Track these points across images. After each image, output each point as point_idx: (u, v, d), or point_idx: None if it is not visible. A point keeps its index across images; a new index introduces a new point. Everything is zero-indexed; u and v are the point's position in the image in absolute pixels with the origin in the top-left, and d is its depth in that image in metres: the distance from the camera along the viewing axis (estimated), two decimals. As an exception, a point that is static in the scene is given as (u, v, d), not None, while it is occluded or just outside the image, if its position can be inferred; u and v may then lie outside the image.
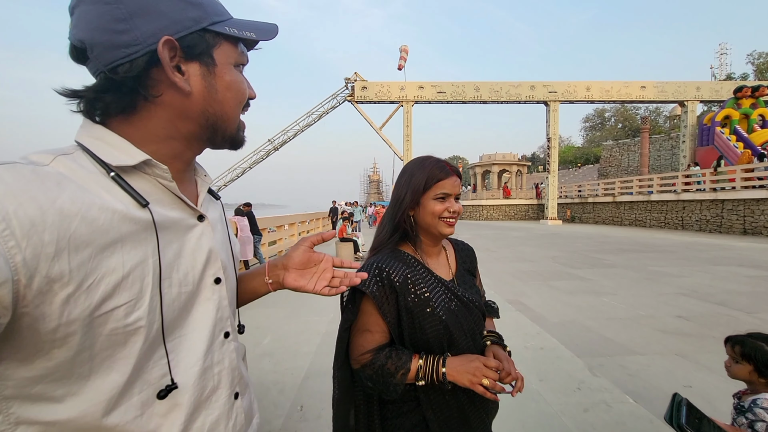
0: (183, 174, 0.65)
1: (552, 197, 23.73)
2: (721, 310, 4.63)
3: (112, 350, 0.50)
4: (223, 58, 0.59)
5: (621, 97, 23.47)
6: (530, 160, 49.23)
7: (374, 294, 0.96)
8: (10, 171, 0.44)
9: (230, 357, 0.67)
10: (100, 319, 0.47)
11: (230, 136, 0.64)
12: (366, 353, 0.97)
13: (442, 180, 1.03)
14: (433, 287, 1.02)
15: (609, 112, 53.18)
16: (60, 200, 0.45)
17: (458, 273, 1.13)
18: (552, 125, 23.18)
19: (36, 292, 0.43)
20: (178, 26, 0.54)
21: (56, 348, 0.45)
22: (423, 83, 23.53)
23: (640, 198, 19.87)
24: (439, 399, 1.00)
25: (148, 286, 0.52)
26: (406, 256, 1.05)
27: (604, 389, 2.76)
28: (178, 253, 0.59)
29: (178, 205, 0.61)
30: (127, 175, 0.54)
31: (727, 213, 15.19)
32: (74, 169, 0.50)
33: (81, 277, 0.45)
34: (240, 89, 0.62)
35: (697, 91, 22.87)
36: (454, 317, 1.01)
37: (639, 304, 4.99)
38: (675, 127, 29.47)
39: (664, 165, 28.66)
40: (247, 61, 0.64)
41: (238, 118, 0.63)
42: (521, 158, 36.99)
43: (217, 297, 0.65)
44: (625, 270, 7.41)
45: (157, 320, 0.54)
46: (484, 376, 0.90)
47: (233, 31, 0.59)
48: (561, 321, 4.34)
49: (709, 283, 6.08)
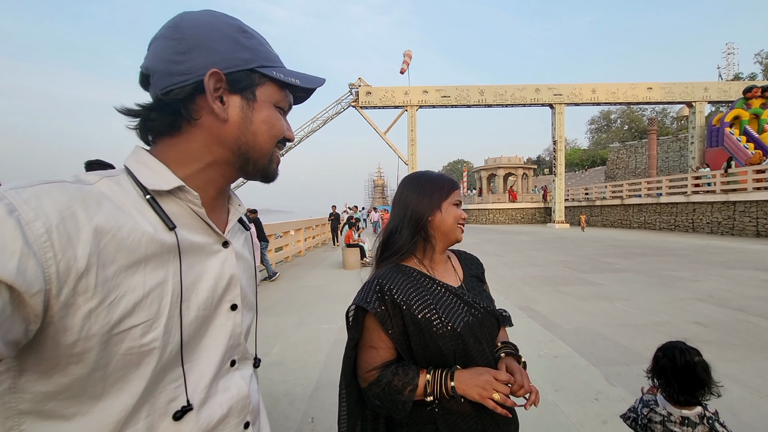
0: (215, 201, 0.68)
1: (559, 200, 23.55)
2: (740, 316, 4.51)
3: (125, 371, 0.51)
4: (264, 97, 0.64)
5: (627, 99, 23.33)
6: (536, 163, 48.98)
7: (376, 311, 0.95)
8: (57, 188, 0.48)
9: (239, 385, 0.67)
10: (117, 336, 0.49)
11: (262, 167, 0.67)
12: (372, 370, 0.96)
13: (457, 189, 1.10)
14: (440, 297, 1.01)
15: (615, 114, 52.90)
16: (96, 218, 0.49)
17: (466, 279, 1.12)
18: (558, 128, 23.06)
19: (62, 303, 0.45)
20: (227, 63, 0.60)
21: (73, 364, 0.47)
22: (427, 88, 23.57)
23: (648, 200, 19.66)
24: (459, 422, 0.95)
25: (165, 307, 0.54)
26: (409, 269, 1.04)
27: (622, 399, 2.68)
28: (200, 276, 0.60)
29: (204, 231, 0.63)
30: (161, 199, 0.58)
31: (739, 215, 14.95)
32: (115, 190, 0.55)
33: (104, 293, 0.48)
34: (275, 125, 0.66)
35: (705, 92, 22.66)
36: (467, 326, 0.98)
37: (653, 309, 4.89)
38: (683, 128, 29.23)
39: (673, 167, 28.34)
40: (288, 106, 0.69)
41: (270, 152, 0.67)
42: (527, 161, 36.83)
43: (231, 324, 0.65)
44: (637, 274, 7.28)
45: (171, 342, 0.55)
46: (495, 390, 0.88)
47: (279, 76, 0.64)
48: (574, 328, 4.25)
49: (725, 288, 5.95)
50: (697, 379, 1.30)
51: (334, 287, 7.04)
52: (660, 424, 1.36)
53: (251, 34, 0.64)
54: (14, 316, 0.42)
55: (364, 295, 0.99)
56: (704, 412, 1.31)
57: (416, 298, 0.97)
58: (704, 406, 1.33)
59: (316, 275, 8.50)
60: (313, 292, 6.66)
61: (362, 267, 9.30)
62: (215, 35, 0.60)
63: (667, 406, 1.35)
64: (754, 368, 3.09)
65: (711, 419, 1.30)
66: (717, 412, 1.33)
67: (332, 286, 7.21)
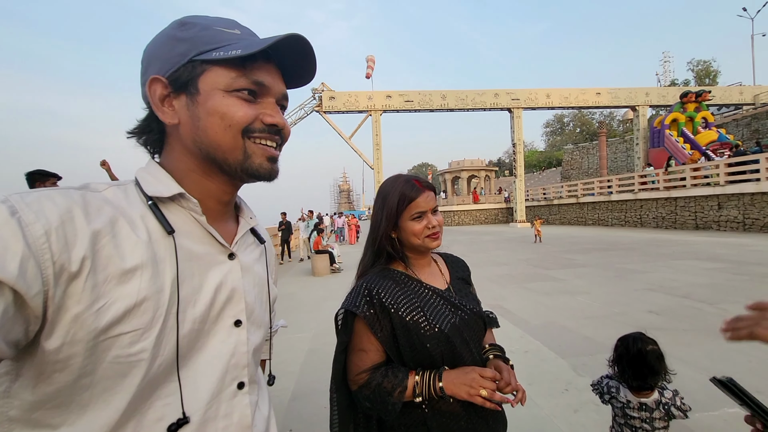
0: (219, 211, 0.65)
1: (520, 201, 24.49)
2: (687, 303, 4.88)
3: (112, 381, 0.49)
4: (209, 85, 0.57)
5: (578, 103, 24.72)
6: (497, 165, 50.70)
7: (365, 315, 0.96)
8: (61, 193, 0.49)
9: (242, 412, 0.61)
10: (104, 343, 0.47)
11: (237, 165, 0.60)
12: (362, 373, 0.97)
13: (415, 199, 1.02)
14: (427, 299, 1.02)
15: (568, 118, 55.94)
16: (95, 223, 0.49)
17: (452, 282, 1.13)
18: (516, 131, 24.02)
19: (56, 305, 0.45)
20: (167, 65, 0.57)
21: (58, 371, 0.46)
22: (390, 92, 23.81)
23: (601, 198, 20.88)
24: (450, 422, 0.97)
25: (159, 318, 0.51)
26: (397, 273, 1.05)
27: (589, 388, 2.81)
28: (198, 288, 0.57)
29: (207, 240, 0.61)
30: (163, 206, 0.58)
31: (680, 210, 16.22)
32: (120, 197, 0.55)
33: (93, 297, 0.47)
34: (224, 113, 0.57)
35: (646, 97, 24.46)
36: (454, 328, 1.00)
37: (612, 301, 5.19)
38: (628, 130, 31.32)
39: (621, 166, 30.30)
40: (255, 84, 0.59)
41: (235, 145, 0.59)
42: (489, 163, 38.04)
43: (234, 341, 0.61)
44: (595, 269, 7.71)
45: (160, 356, 0.52)
46: (482, 387, 0.90)
47: (218, 55, 0.56)
48: (541, 323, 4.43)
49: (672, 277, 6.43)
50: (649, 366, 1.39)
51: (305, 295, 6.93)
52: (620, 410, 1.45)
53: (192, 23, 0.58)
54: (16, 317, 0.43)
55: (352, 300, 1.00)
56: (660, 398, 1.41)
57: (404, 301, 0.98)
58: (661, 392, 1.43)
59: (285, 283, 8.32)
60: (282, 301, 6.50)
61: (332, 273, 9.21)
62: (158, 42, 0.58)
63: (628, 394, 1.45)
64: (701, 350, 3.36)
65: (667, 404, 1.40)
66: (675, 393, 1.43)
67: (302, 293, 7.10)
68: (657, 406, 1.41)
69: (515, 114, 23.88)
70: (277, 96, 0.62)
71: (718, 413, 2.34)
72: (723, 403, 2.37)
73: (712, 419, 2.30)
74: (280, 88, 0.63)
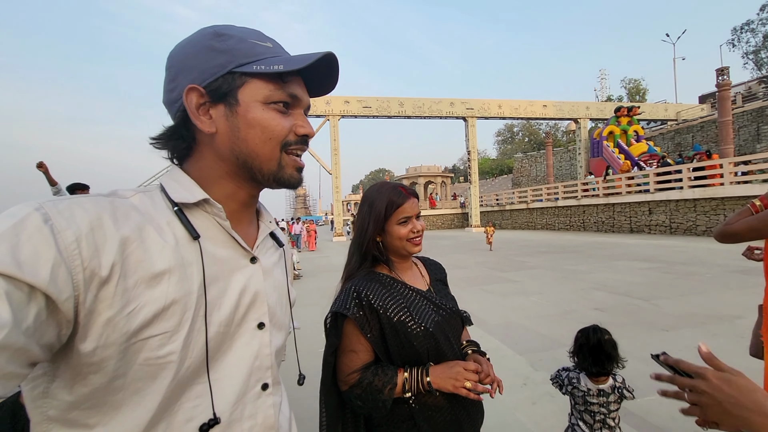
0: (241, 215, 0.66)
1: (475, 206, 25.43)
2: (627, 300, 5.37)
3: (143, 382, 0.50)
4: (249, 97, 0.59)
5: (527, 114, 26.18)
6: (452, 172, 52.28)
7: (355, 316, 1.00)
8: (91, 200, 0.50)
9: (266, 413, 0.63)
10: (135, 346, 0.49)
11: (270, 175, 0.62)
12: (353, 373, 1.01)
13: (402, 205, 1.10)
14: (412, 300, 1.08)
15: (517, 128, 58.95)
16: (123, 229, 0.50)
17: (432, 283, 1.21)
18: (471, 139, 24.97)
19: (87, 310, 0.46)
20: (205, 75, 0.58)
21: (92, 373, 0.48)
22: (349, 98, 23.84)
23: (548, 204, 22.24)
24: (435, 415, 1.03)
25: (187, 321, 0.53)
26: (382, 276, 1.10)
27: (546, 382, 3.01)
28: (223, 291, 0.59)
29: (230, 245, 0.62)
30: (188, 211, 0.59)
31: (617, 215, 17.68)
32: (147, 203, 0.56)
33: (124, 301, 0.48)
34: (266, 126, 0.59)
35: (587, 110, 26.45)
36: (437, 325, 1.07)
37: (562, 300, 5.57)
38: (571, 140, 33.68)
39: (566, 174, 32.47)
40: (291, 97, 0.62)
41: (273, 156, 0.61)
42: (445, 170, 39.15)
43: (258, 343, 0.63)
44: (546, 270, 8.22)
45: (189, 358, 0.53)
46: (466, 379, 0.97)
47: (259, 68, 0.58)
48: (500, 323, 4.67)
49: (613, 277, 7.02)
50: (606, 354, 1.56)
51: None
52: (581, 398, 1.61)
53: (229, 35, 0.59)
54: (49, 321, 0.44)
55: (342, 302, 1.03)
56: (614, 383, 1.59)
57: (391, 302, 1.03)
58: (614, 378, 1.61)
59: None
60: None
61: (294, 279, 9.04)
62: (191, 51, 0.59)
63: (588, 383, 1.60)
64: (640, 342, 3.72)
65: (620, 388, 1.59)
66: (624, 379, 1.63)
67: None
68: (612, 390, 1.58)
69: (470, 123, 24.82)
70: (305, 107, 0.66)
71: (654, 398, 2.61)
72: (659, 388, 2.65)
73: (650, 403, 2.56)
74: (307, 100, 0.66)
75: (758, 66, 38.51)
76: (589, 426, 1.60)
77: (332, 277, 9.05)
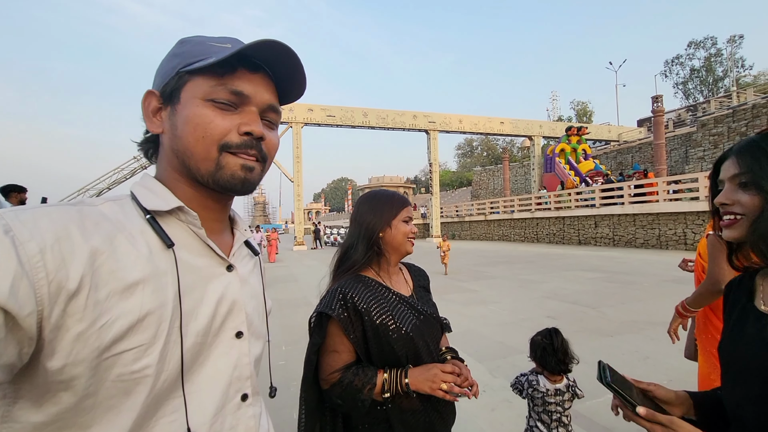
0: (213, 222, 0.65)
1: (435, 217, 26.00)
2: (576, 308, 5.70)
3: (116, 399, 0.48)
4: (188, 94, 0.58)
5: (486, 130, 27.33)
6: (414, 183, 53.20)
7: (340, 317, 1.03)
8: (58, 210, 0.48)
9: (247, 425, 0.61)
10: (108, 361, 0.46)
11: (208, 175, 0.58)
12: (334, 372, 1.04)
13: (407, 206, 1.20)
14: (395, 305, 1.12)
15: (476, 142, 61.25)
16: (93, 239, 0.48)
17: (415, 289, 1.26)
18: (432, 151, 25.61)
19: (53, 325, 0.43)
20: (162, 80, 0.60)
21: (62, 391, 0.45)
22: (312, 106, 23.71)
23: (505, 216, 23.19)
24: (410, 418, 1.07)
25: (162, 332, 0.51)
26: (368, 280, 1.14)
27: (504, 388, 3.13)
28: (199, 301, 0.57)
29: (206, 253, 0.61)
30: (162, 219, 0.57)
31: (567, 228, 18.79)
32: (117, 212, 0.54)
33: (96, 315, 0.46)
34: (198, 123, 0.56)
35: (540, 128, 28.06)
36: (416, 330, 1.11)
37: (518, 309, 5.82)
38: (526, 156, 35.44)
39: (521, 188, 34.06)
40: (233, 94, 0.58)
41: (207, 155, 0.57)
42: (407, 181, 39.76)
43: (237, 352, 0.61)
44: (503, 280, 8.55)
45: (165, 371, 0.51)
46: (443, 381, 1.02)
47: (199, 64, 0.56)
48: (460, 331, 4.78)
49: (563, 286, 7.43)
50: (566, 353, 1.69)
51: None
52: (540, 399, 1.71)
53: (188, 40, 0.60)
54: (8, 339, 0.41)
55: (327, 303, 1.06)
56: (568, 382, 1.71)
57: (375, 306, 1.07)
58: (567, 378, 1.73)
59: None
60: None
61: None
62: (162, 62, 0.62)
63: (546, 383, 1.71)
64: (588, 347, 3.97)
65: (572, 386, 1.71)
66: (575, 379, 1.75)
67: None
68: (567, 389, 1.70)
69: (432, 136, 25.47)
70: (260, 106, 0.60)
71: (602, 399, 2.79)
72: (606, 392, 2.84)
73: (597, 405, 2.74)
74: (263, 98, 0.61)
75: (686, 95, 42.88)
76: (546, 425, 1.70)
77: (290, 288, 8.86)
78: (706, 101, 31.98)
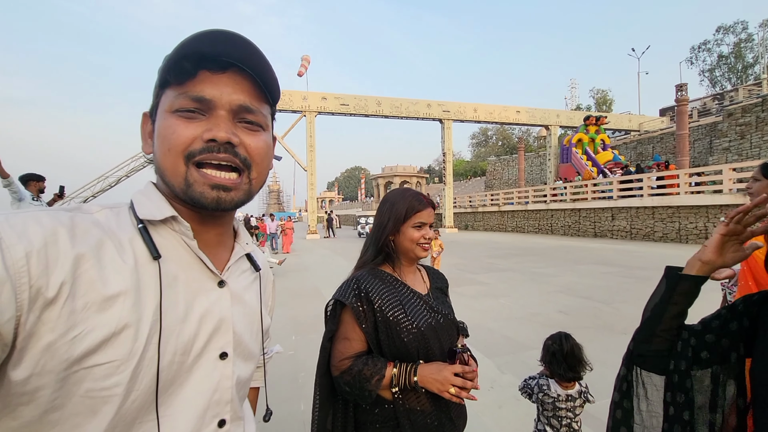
0: (208, 236, 0.62)
1: (449, 207, 25.81)
2: (589, 303, 5.60)
3: (82, 417, 0.45)
4: (161, 109, 0.56)
5: (501, 119, 26.82)
6: (427, 172, 52.83)
7: (353, 305, 1.07)
8: (49, 215, 0.47)
9: None
10: (77, 375, 0.44)
11: (182, 191, 0.55)
12: (345, 359, 1.07)
13: (420, 211, 1.18)
14: (409, 300, 1.14)
15: (491, 131, 60.28)
16: (80, 246, 0.47)
17: (432, 290, 1.26)
18: (446, 141, 25.31)
19: (26, 333, 0.42)
20: (153, 99, 0.59)
21: (23, 405, 0.43)
22: (326, 94, 23.62)
23: (519, 207, 22.86)
24: (419, 419, 1.06)
25: (138, 349, 0.48)
26: (385, 274, 1.17)
27: (512, 385, 3.11)
28: (182, 317, 0.54)
29: (197, 266, 0.58)
30: (155, 229, 0.56)
31: (582, 219, 18.42)
32: (111, 220, 0.54)
33: (69, 325, 0.44)
34: (164, 135, 0.54)
35: (557, 118, 27.39)
36: (430, 328, 1.12)
37: (529, 303, 5.75)
38: (542, 146, 34.71)
39: (536, 179, 33.49)
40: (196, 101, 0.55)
41: (175, 170, 0.55)
42: (420, 170, 39.50)
43: (218, 375, 0.57)
44: (514, 273, 8.45)
45: (135, 390, 0.48)
46: (452, 384, 1.02)
47: (169, 78, 0.55)
48: (469, 325, 4.73)
49: (577, 280, 7.31)
50: (578, 359, 1.64)
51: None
52: (551, 404, 1.67)
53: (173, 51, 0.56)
54: None
55: (343, 291, 1.10)
56: (581, 388, 1.67)
57: (388, 299, 1.09)
58: (580, 383, 1.68)
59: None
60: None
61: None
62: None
63: (557, 389, 1.67)
64: (601, 345, 3.89)
65: (584, 393, 1.67)
66: (587, 384, 1.71)
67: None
68: (579, 395, 1.67)
69: (446, 125, 25.14)
70: (229, 108, 0.56)
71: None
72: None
73: (607, 406, 2.68)
74: (231, 99, 0.56)
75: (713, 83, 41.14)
76: (555, 430, 1.66)
77: (302, 277, 8.95)
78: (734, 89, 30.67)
